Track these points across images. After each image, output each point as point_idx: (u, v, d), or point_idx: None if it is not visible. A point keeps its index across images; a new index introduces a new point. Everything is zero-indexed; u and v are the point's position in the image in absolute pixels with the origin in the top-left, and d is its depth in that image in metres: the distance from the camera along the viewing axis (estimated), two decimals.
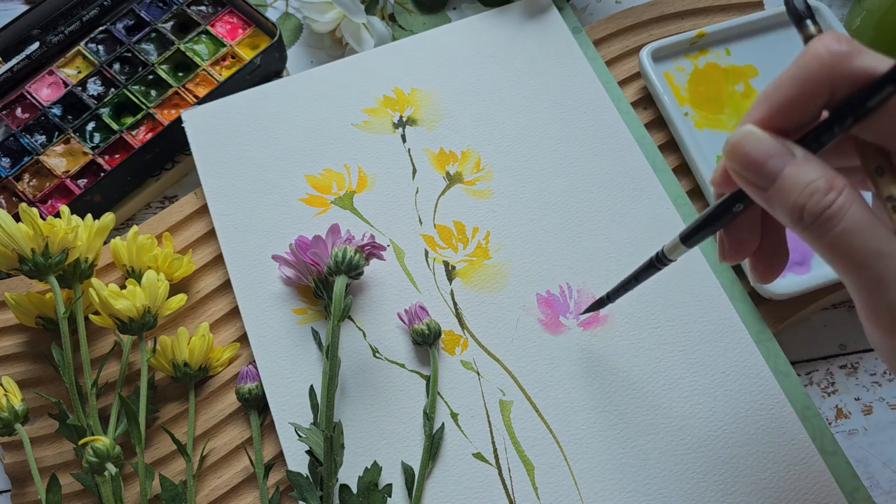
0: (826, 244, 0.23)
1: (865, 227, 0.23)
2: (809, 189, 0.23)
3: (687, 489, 0.37)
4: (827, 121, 0.24)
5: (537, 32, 0.49)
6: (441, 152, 0.46)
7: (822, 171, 0.23)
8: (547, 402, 0.39)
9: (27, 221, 0.37)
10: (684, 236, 0.30)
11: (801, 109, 0.25)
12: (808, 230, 0.24)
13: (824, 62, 0.24)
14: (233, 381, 0.42)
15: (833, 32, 0.24)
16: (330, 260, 0.38)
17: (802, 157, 0.24)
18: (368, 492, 0.37)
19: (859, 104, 0.23)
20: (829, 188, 0.23)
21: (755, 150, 0.24)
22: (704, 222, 0.29)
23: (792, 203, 0.24)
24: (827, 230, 0.23)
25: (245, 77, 0.49)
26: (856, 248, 0.23)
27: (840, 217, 0.23)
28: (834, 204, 0.23)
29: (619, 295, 0.37)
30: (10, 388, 0.38)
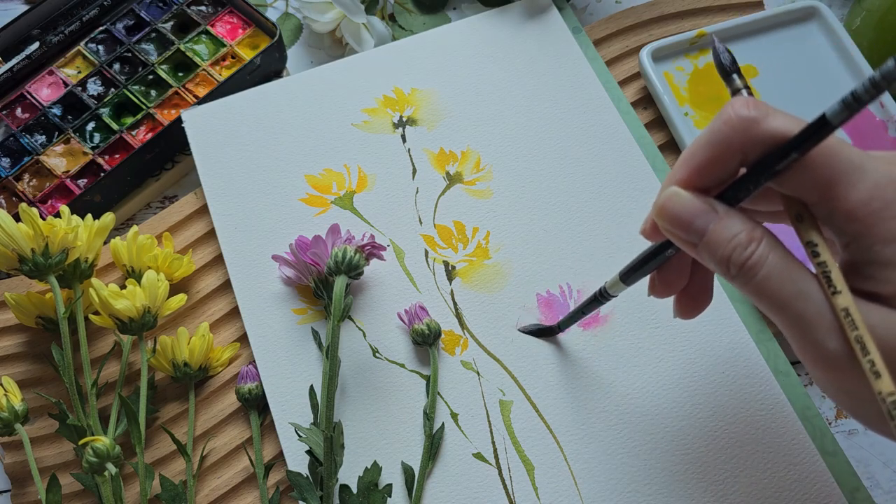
0: (751, 290, 0.26)
1: (783, 273, 0.25)
2: (732, 243, 0.25)
3: (687, 489, 0.37)
4: (741, 179, 0.26)
5: (537, 32, 0.49)
6: (441, 152, 0.46)
7: (742, 225, 0.26)
8: (547, 402, 0.39)
9: (27, 221, 0.37)
10: (623, 275, 0.32)
11: (717, 170, 0.26)
12: (736, 279, 0.26)
13: (734, 127, 0.25)
14: (233, 381, 0.42)
15: (742, 98, 0.26)
16: (330, 260, 0.38)
17: (724, 213, 0.26)
18: (368, 492, 0.37)
19: (770, 167, 0.25)
20: (749, 241, 0.25)
21: (682, 211, 0.26)
22: (640, 264, 0.31)
23: (719, 256, 0.26)
24: (750, 278, 0.25)
25: (245, 77, 0.49)
26: (775, 293, 0.25)
27: (760, 266, 0.25)
28: (754, 255, 0.25)
29: (568, 325, 0.39)
30: (10, 388, 0.38)
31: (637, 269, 0.31)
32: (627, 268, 0.32)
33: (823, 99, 0.47)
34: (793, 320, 0.25)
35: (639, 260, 0.31)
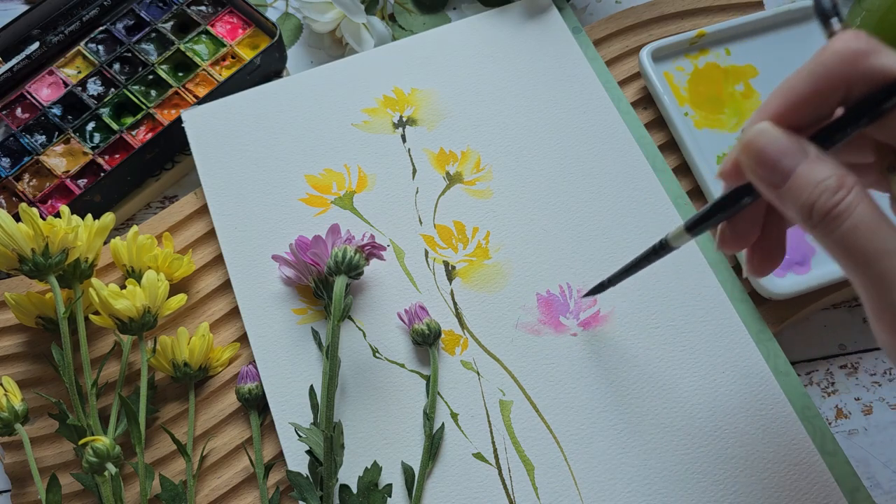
0: (833, 242, 0.24)
1: (872, 226, 0.23)
2: (820, 188, 0.24)
3: (687, 489, 0.37)
4: (841, 119, 0.25)
5: (537, 32, 0.49)
6: (441, 152, 0.46)
7: (833, 170, 0.24)
8: (547, 402, 0.39)
9: (27, 221, 0.37)
10: (690, 225, 0.30)
11: (816, 105, 0.25)
12: (817, 228, 0.24)
13: (843, 59, 0.24)
14: (233, 381, 0.42)
15: (853, 31, 0.24)
16: (330, 260, 0.38)
17: (815, 156, 0.24)
18: (368, 492, 0.37)
19: (874, 105, 0.23)
20: (839, 187, 0.23)
21: (770, 148, 0.25)
22: (711, 212, 0.29)
23: (802, 201, 0.24)
24: (834, 228, 0.23)
25: (245, 77, 0.49)
26: (861, 247, 0.23)
27: (847, 215, 0.23)
28: (842, 202, 0.23)
29: (620, 280, 0.37)
30: (10, 388, 0.38)
31: (707, 217, 0.29)
32: (696, 217, 0.30)
33: None
34: (874, 279, 0.23)
35: (710, 207, 0.29)
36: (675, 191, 0.44)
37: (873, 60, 0.23)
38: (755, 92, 0.47)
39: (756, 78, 0.48)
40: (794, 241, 0.43)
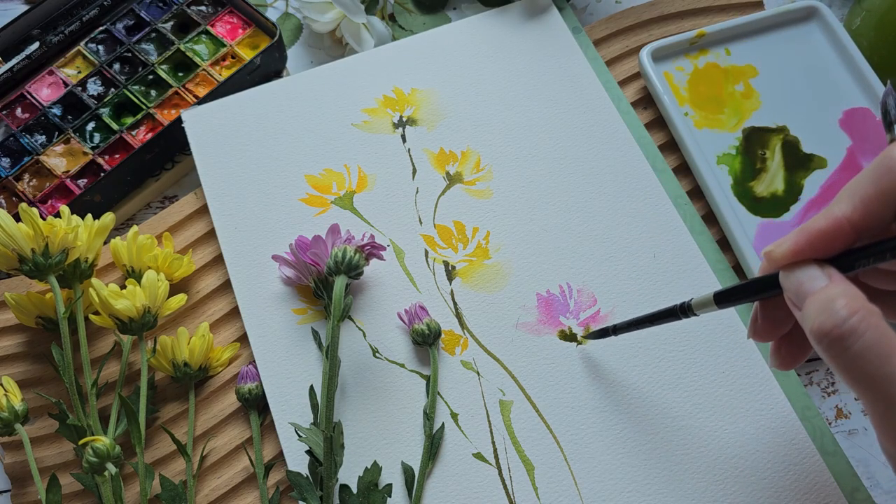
0: (841, 366, 0.24)
1: (880, 352, 0.23)
2: (831, 313, 0.24)
3: (687, 489, 0.37)
4: (866, 248, 0.26)
5: (537, 32, 0.49)
6: (441, 152, 0.46)
7: (846, 296, 0.25)
8: (547, 402, 0.39)
9: (27, 221, 0.37)
10: (719, 297, 0.30)
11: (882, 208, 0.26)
12: (826, 352, 0.25)
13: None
14: (233, 381, 0.42)
15: None
16: (330, 260, 0.38)
17: (833, 281, 0.25)
18: (368, 492, 0.37)
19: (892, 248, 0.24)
20: (851, 313, 0.24)
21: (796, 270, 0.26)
22: (744, 289, 0.29)
23: (814, 324, 0.25)
24: (841, 352, 0.24)
25: (245, 77, 0.49)
26: (868, 372, 0.24)
27: (854, 341, 0.24)
28: (851, 328, 0.24)
29: (626, 331, 0.37)
30: (10, 388, 0.38)
31: (740, 294, 0.29)
32: (726, 290, 0.30)
33: (823, 99, 0.47)
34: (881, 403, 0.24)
35: (744, 285, 0.29)
36: (675, 191, 0.44)
37: None
38: (755, 92, 0.47)
39: (756, 78, 0.48)
40: None
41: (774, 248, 0.27)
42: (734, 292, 0.30)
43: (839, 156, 0.45)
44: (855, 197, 0.26)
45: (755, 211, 0.44)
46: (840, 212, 0.26)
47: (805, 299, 0.25)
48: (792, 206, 0.44)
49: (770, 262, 0.27)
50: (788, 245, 0.27)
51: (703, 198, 0.45)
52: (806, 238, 0.26)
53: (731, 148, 0.46)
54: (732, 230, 0.42)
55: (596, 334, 0.39)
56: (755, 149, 0.46)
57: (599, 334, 0.39)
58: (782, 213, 0.44)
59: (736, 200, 0.44)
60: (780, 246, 0.27)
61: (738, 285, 0.29)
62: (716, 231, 0.44)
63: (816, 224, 0.26)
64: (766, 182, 0.45)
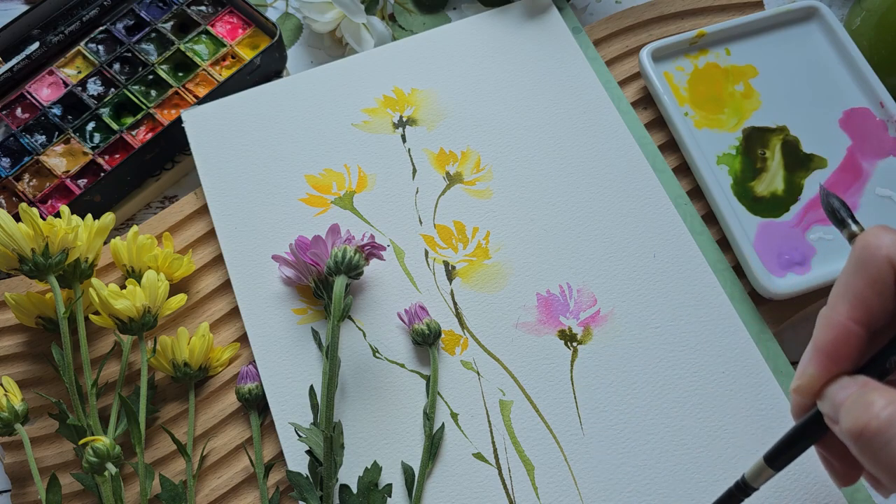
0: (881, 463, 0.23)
1: None
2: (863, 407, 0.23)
3: (687, 489, 0.37)
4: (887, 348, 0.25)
5: (537, 32, 0.49)
6: (441, 152, 0.46)
7: (879, 391, 0.24)
8: (547, 402, 0.39)
9: (27, 221, 0.37)
10: (770, 458, 0.28)
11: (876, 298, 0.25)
12: (864, 451, 0.23)
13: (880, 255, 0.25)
14: (233, 381, 0.42)
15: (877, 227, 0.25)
16: (330, 260, 0.38)
17: (864, 385, 0.25)
18: (368, 492, 0.37)
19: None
20: (887, 404, 0.23)
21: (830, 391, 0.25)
22: (791, 439, 0.27)
23: (846, 426, 0.24)
24: (882, 447, 0.23)
25: (245, 77, 0.49)
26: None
27: (892, 434, 0.23)
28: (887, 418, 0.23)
29: None
30: (10, 388, 0.38)
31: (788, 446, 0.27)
32: (775, 448, 0.28)
33: (823, 99, 0.47)
34: None
35: (789, 436, 0.27)
36: (675, 191, 0.44)
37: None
38: (755, 92, 0.47)
39: (756, 78, 0.48)
40: (793, 241, 0.43)
41: (799, 380, 0.26)
42: (784, 448, 0.28)
43: (839, 156, 0.45)
44: (848, 296, 0.25)
45: (755, 211, 0.44)
46: (840, 315, 0.25)
47: (840, 408, 0.24)
48: (792, 206, 0.44)
49: (804, 395, 0.26)
50: (811, 370, 0.26)
51: (703, 198, 0.45)
52: (823, 354, 0.26)
53: (731, 148, 0.46)
54: (732, 230, 0.42)
55: None
56: (755, 149, 0.46)
57: None
58: (782, 213, 0.44)
59: (736, 200, 0.44)
60: (803, 375, 0.26)
61: (784, 438, 0.27)
62: (716, 231, 0.44)
63: (825, 336, 0.26)
64: (766, 182, 0.45)
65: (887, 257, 0.25)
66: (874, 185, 0.44)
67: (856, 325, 0.25)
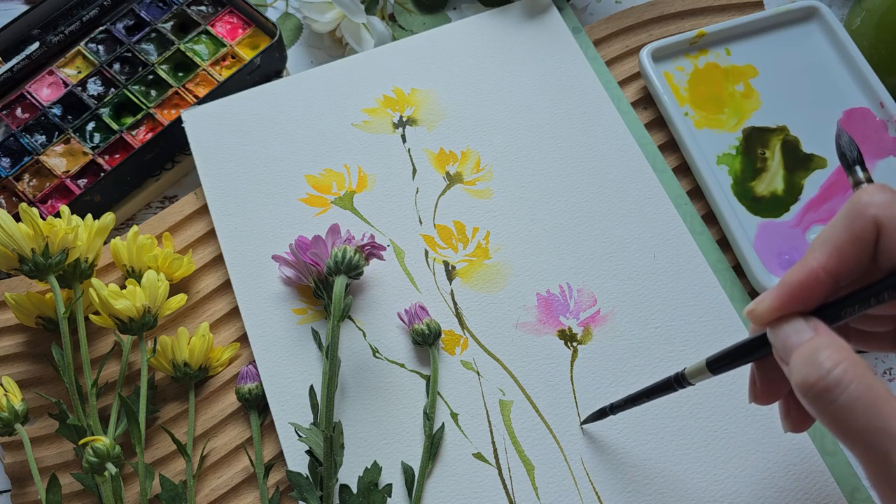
0: (828, 419, 0.24)
1: (867, 404, 0.23)
2: (814, 365, 0.24)
3: (687, 489, 0.37)
4: (849, 296, 0.25)
5: (537, 32, 0.49)
6: (441, 152, 0.46)
7: (829, 346, 0.24)
8: (547, 402, 0.39)
9: (27, 221, 0.37)
10: (711, 363, 0.29)
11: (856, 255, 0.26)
12: (812, 405, 0.24)
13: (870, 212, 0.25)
14: (233, 381, 0.42)
15: (879, 185, 0.26)
16: (330, 260, 0.38)
17: (817, 333, 0.25)
18: (368, 492, 0.37)
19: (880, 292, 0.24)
20: (835, 364, 0.23)
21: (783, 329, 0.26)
22: (735, 352, 0.28)
23: (797, 378, 0.24)
24: (826, 405, 0.23)
25: (245, 77, 0.49)
26: (854, 426, 0.23)
27: (839, 392, 0.23)
28: (833, 378, 0.23)
29: (623, 409, 0.36)
30: (10, 388, 0.38)
31: (732, 358, 0.29)
32: (718, 355, 0.29)
33: (823, 99, 0.47)
34: (870, 456, 0.23)
35: (734, 348, 0.28)
36: (675, 191, 0.44)
37: None
38: (755, 92, 0.47)
39: (756, 78, 0.48)
40: (793, 240, 0.43)
41: (755, 306, 0.27)
42: (727, 356, 0.29)
43: None
44: (828, 244, 0.26)
45: (755, 211, 0.44)
46: (815, 261, 0.26)
47: (791, 353, 0.25)
48: (792, 206, 0.44)
49: (755, 320, 0.27)
50: (769, 301, 0.26)
51: (703, 198, 0.45)
52: (786, 291, 0.26)
53: (731, 148, 0.46)
54: (732, 230, 0.42)
55: (593, 416, 0.38)
56: (755, 149, 0.46)
57: (597, 416, 0.37)
58: (782, 213, 0.44)
59: (736, 200, 0.44)
60: (760, 303, 0.27)
61: (729, 349, 0.29)
62: (716, 231, 0.44)
63: (794, 276, 0.26)
64: (766, 182, 0.45)
65: (874, 217, 0.25)
66: None
67: (826, 274, 0.26)
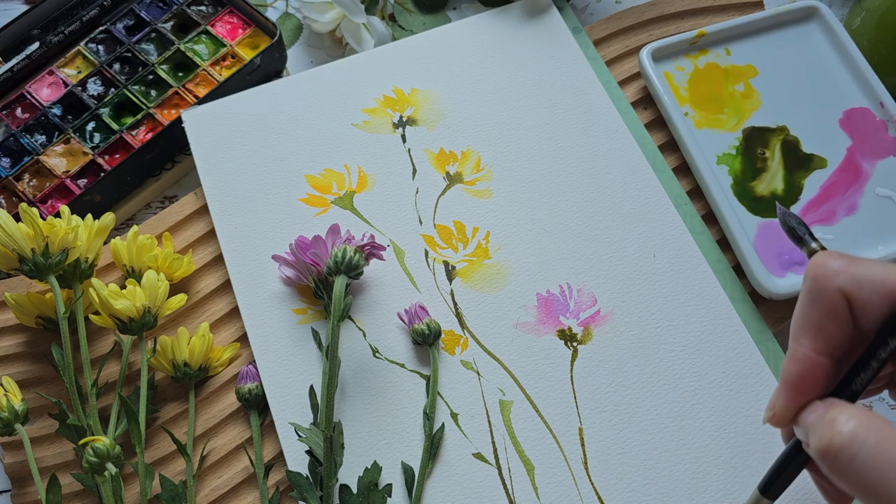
0: (851, 481, 0.23)
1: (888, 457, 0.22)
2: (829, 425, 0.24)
3: (687, 489, 0.37)
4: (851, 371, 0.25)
5: (537, 32, 0.49)
6: (441, 152, 0.46)
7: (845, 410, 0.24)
8: (547, 402, 0.39)
9: (27, 221, 0.37)
10: (764, 487, 0.28)
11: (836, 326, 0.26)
12: (832, 469, 0.23)
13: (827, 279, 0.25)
14: (233, 381, 0.42)
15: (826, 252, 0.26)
16: (330, 260, 0.38)
17: (832, 404, 0.25)
18: (368, 492, 0.37)
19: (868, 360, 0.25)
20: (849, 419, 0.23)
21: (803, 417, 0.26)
22: (779, 467, 0.28)
23: (814, 447, 0.24)
24: (846, 466, 0.23)
25: (245, 77, 0.49)
26: (876, 483, 0.22)
27: (857, 448, 0.23)
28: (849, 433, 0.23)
29: None
30: (10, 388, 0.38)
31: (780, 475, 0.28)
32: (769, 478, 0.28)
33: (823, 99, 0.47)
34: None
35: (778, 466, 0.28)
36: (675, 191, 0.44)
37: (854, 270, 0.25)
38: (755, 92, 0.47)
39: (756, 78, 0.48)
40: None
41: (771, 413, 0.27)
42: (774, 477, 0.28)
43: (839, 156, 0.45)
44: (807, 328, 0.26)
45: (755, 211, 0.44)
46: (804, 349, 0.26)
47: (808, 430, 0.25)
48: (792, 206, 0.44)
49: (778, 425, 0.27)
50: (781, 402, 0.26)
51: (703, 198, 0.45)
52: (792, 388, 0.26)
53: (731, 148, 0.46)
54: (732, 230, 0.42)
55: None
56: (755, 149, 0.46)
57: None
58: None
59: (736, 200, 0.44)
60: (774, 409, 0.26)
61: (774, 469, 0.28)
62: (716, 231, 0.44)
63: (791, 370, 0.26)
64: (766, 182, 0.45)
65: (838, 288, 0.25)
66: (874, 185, 0.44)
67: (819, 355, 0.26)
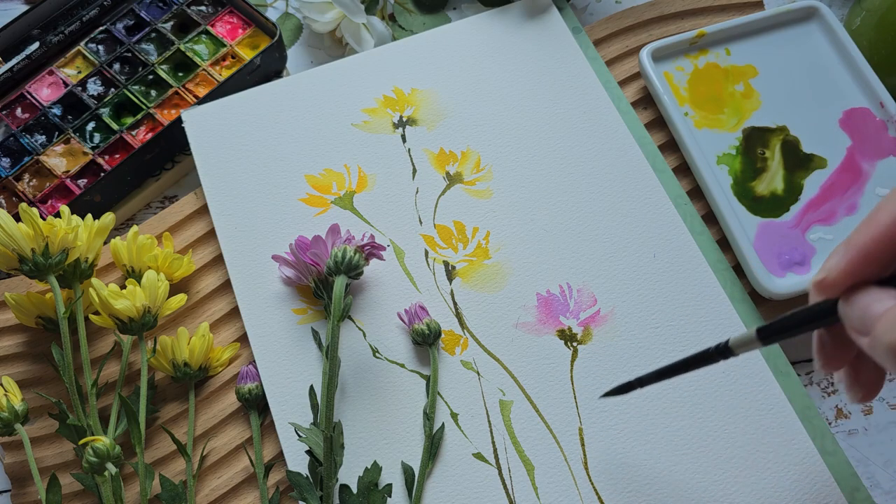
0: None
1: None
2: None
3: (687, 489, 0.37)
4: None
5: (537, 32, 0.49)
6: (441, 152, 0.46)
7: None
8: (547, 402, 0.39)
9: (27, 221, 0.37)
10: (764, 332, 0.27)
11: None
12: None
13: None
14: (233, 381, 0.42)
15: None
16: (330, 260, 0.38)
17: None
18: (368, 492, 0.37)
19: None
20: None
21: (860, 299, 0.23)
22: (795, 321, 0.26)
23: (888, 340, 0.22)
24: None
25: (245, 77, 0.49)
26: None
27: None
28: None
29: (652, 382, 0.33)
30: (10, 388, 0.38)
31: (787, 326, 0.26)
32: (774, 323, 0.26)
33: (823, 99, 0.47)
34: None
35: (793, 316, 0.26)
36: (675, 191, 0.44)
37: None
38: (755, 92, 0.47)
39: (756, 78, 0.48)
40: (793, 240, 0.43)
41: (825, 274, 0.24)
42: (783, 325, 0.26)
43: (839, 156, 0.45)
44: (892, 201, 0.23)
45: (755, 211, 0.44)
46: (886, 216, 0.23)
47: (875, 322, 0.22)
48: (792, 206, 0.44)
49: (826, 290, 0.25)
50: (842, 266, 0.24)
51: (703, 198, 0.45)
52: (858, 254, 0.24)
53: (731, 148, 0.46)
54: (732, 230, 0.42)
55: (618, 390, 0.35)
56: (755, 149, 0.46)
57: (622, 390, 0.34)
58: (782, 213, 0.44)
59: (736, 200, 0.44)
60: (829, 271, 0.24)
61: (786, 317, 0.26)
62: (716, 231, 0.44)
63: (862, 236, 0.24)
64: (766, 182, 0.45)
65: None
66: (874, 185, 0.44)
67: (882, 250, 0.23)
